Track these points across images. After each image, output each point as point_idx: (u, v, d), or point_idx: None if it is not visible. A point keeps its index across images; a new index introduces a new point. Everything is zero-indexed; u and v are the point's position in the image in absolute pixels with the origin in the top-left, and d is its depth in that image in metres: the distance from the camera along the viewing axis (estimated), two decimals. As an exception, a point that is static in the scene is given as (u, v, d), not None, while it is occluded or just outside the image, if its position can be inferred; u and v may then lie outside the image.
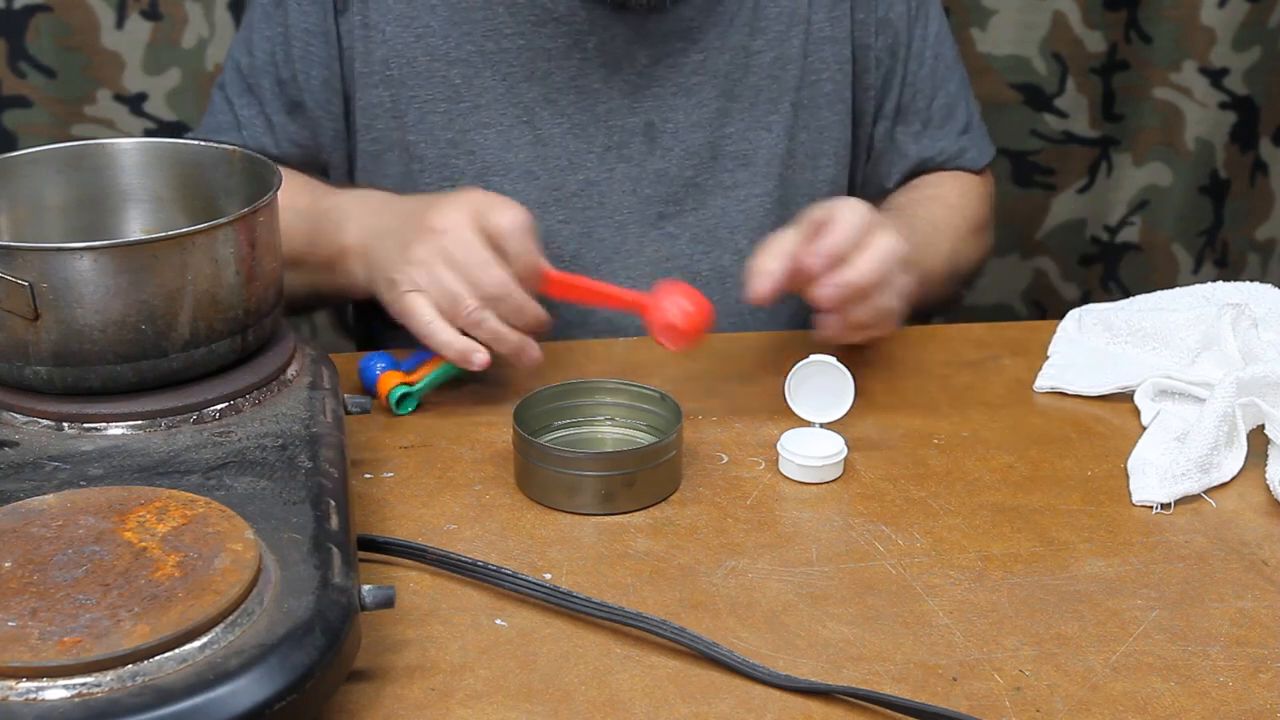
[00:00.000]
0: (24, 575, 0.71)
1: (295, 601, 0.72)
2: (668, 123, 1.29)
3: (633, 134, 1.29)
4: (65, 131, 1.68)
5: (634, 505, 0.97)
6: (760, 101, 1.30)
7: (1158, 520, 0.98)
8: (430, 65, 1.26)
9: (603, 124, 1.28)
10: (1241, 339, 1.11)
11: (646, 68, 1.27)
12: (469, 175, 1.28)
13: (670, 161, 1.29)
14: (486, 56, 1.26)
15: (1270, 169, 1.92)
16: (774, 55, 1.30)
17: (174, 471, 0.85)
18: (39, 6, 1.63)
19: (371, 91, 1.27)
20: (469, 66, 1.26)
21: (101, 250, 0.88)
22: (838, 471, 1.02)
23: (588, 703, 0.78)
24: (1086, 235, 1.92)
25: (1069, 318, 1.26)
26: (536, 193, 1.28)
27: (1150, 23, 1.81)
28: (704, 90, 1.29)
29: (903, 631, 0.85)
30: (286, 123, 1.30)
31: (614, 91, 1.27)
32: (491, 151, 1.28)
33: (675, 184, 1.30)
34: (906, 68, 1.36)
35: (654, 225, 1.30)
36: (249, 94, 1.31)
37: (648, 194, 1.30)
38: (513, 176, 1.28)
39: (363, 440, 1.06)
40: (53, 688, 0.65)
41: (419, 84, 1.26)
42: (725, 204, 1.32)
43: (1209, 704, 0.79)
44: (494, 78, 1.26)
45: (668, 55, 1.27)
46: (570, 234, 1.29)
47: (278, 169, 1.00)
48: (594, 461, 0.96)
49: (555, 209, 1.29)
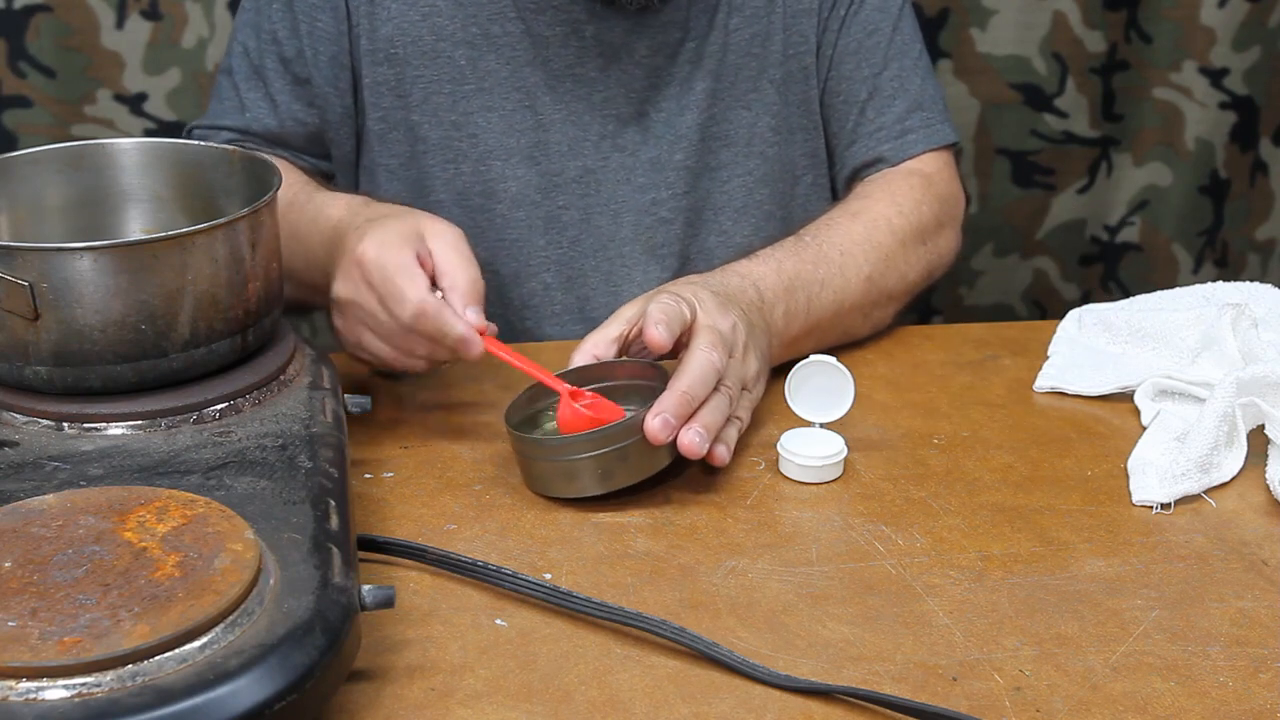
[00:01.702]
0: (24, 575, 0.71)
1: (295, 601, 0.72)
2: (661, 111, 1.29)
3: (627, 123, 1.29)
4: (65, 131, 1.68)
5: (634, 478, 0.97)
6: (740, 80, 1.30)
7: (1158, 520, 0.98)
8: (436, 45, 1.26)
9: (598, 113, 1.28)
10: (1241, 339, 1.11)
11: (644, 58, 1.27)
12: (471, 158, 1.28)
13: (662, 149, 1.30)
14: (491, 40, 1.26)
15: (1270, 169, 1.92)
16: (752, 32, 1.29)
17: (174, 471, 0.85)
18: (39, 6, 1.63)
19: (376, 69, 1.27)
20: (473, 48, 1.26)
21: (101, 250, 0.88)
22: (838, 471, 1.02)
23: (588, 703, 0.78)
24: (1086, 235, 1.92)
25: (1069, 318, 1.26)
26: (537, 178, 1.28)
27: (1150, 23, 1.81)
28: (695, 77, 1.29)
29: (903, 631, 0.85)
30: (291, 102, 1.30)
31: (611, 81, 1.27)
32: (494, 135, 1.28)
33: (667, 169, 1.30)
34: (840, 36, 1.32)
35: (647, 212, 1.31)
36: (255, 77, 1.30)
37: (641, 182, 1.30)
38: (514, 161, 1.28)
39: (363, 440, 1.06)
40: (53, 688, 0.65)
41: (424, 63, 1.26)
42: (710, 186, 1.32)
43: (1209, 704, 0.79)
44: (498, 61, 1.26)
45: (665, 46, 1.27)
46: (570, 220, 1.30)
47: (278, 169, 1.00)
48: (584, 443, 0.96)
49: (555, 195, 1.29)
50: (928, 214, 1.29)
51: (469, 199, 1.29)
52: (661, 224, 1.31)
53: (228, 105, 1.32)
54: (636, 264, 1.31)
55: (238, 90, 1.31)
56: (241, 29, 1.32)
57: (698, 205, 1.32)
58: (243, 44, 1.31)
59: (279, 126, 1.30)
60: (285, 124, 1.30)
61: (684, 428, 0.96)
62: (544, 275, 1.31)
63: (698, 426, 0.96)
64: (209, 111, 1.34)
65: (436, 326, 1.00)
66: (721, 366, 0.99)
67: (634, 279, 1.31)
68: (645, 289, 1.29)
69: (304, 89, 1.29)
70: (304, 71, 1.29)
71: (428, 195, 1.30)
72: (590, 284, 1.32)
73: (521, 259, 1.31)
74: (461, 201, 1.29)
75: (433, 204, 1.29)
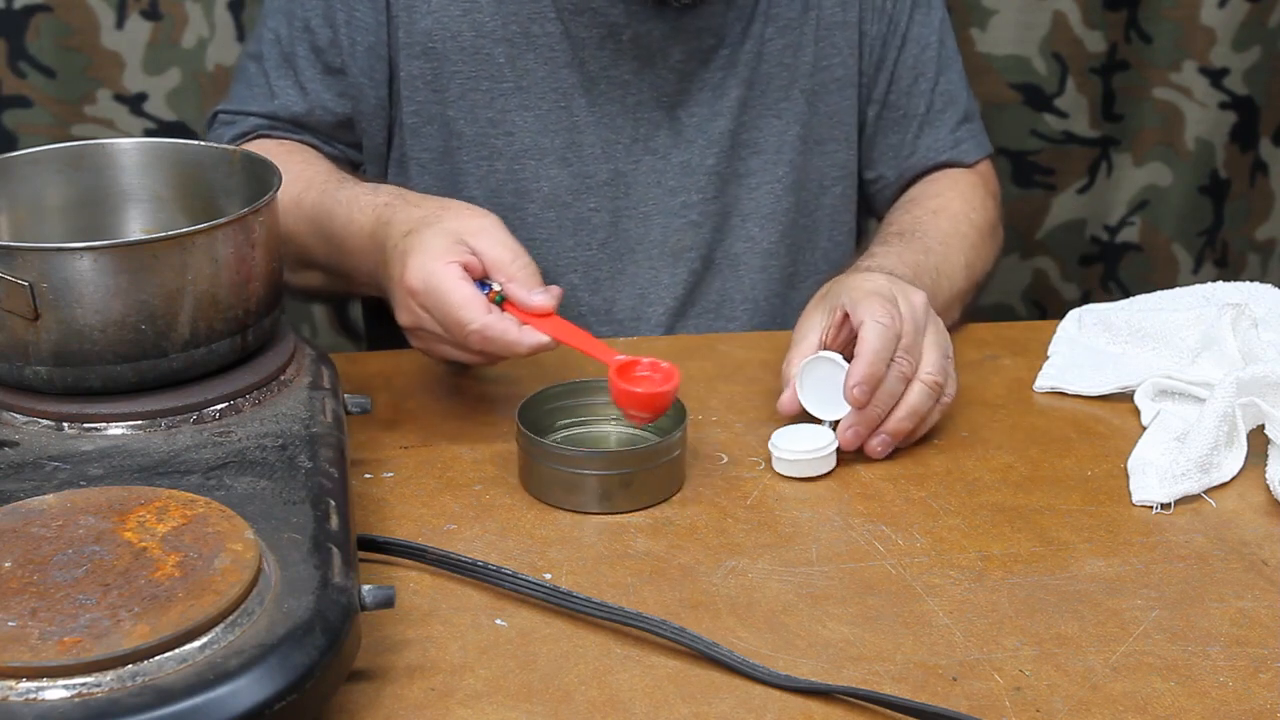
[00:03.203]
0: (24, 575, 0.71)
1: (295, 601, 0.72)
2: (692, 116, 1.30)
3: (659, 127, 1.29)
4: (65, 131, 1.68)
5: (633, 505, 0.97)
6: (772, 89, 1.31)
7: (1158, 520, 0.98)
8: (476, 41, 1.26)
9: (631, 116, 1.29)
10: (1241, 339, 1.11)
11: (678, 63, 1.28)
12: (506, 156, 1.28)
13: (693, 153, 1.30)
14: (531, 39, 1.26)
15: (1270, 169, 1.91)
16: (784, 42, 1.30)
17: (174, 471, 0.85)
18: (39, 6, 1.63)
19: (413, 62, 1.27)
20: (513, 46, 1.26)
21: (101, 250, 0.88)
22: (829, 465, 1.02)
23: (588, 703, 0.78)
24: (1086, 235, 1.92)
25: (1069, 318, 1.26)
26: (569, 179, 1.29)
27: (1150, 23, 1.81)
28: (728, 84, 1.30)
29: (903, 631, 0.85)
30: (321, 91, 1.29)
31: (644, 85, 1.28)
32: (529, 135, 1.28)
33: (697, 174, 1.31)
34: (900, 54, 1.35)
35: (677, 215, 1.31)
36: (285, 64, 1.29)
37: (671, 185, 1.31)
38: (547, 161, 1.28)
39: (363, 440, 1.05)
40: (53, 688, 0.65)
41: (463, 59, 1.26)
42: (739, 191, 1.33)
43: (1209, 704, 0.79)
44: (536, 60, 1.26)
45: (699, 52, 1.28)
46: (600, 222, 1.30)
47: (278, 169, 0.99)
48: (593, 460, 0.96)
49: (586, 196, 1.30)
50: (992, 211, 1.36)
51: (501, 197, 1.29)
52: (690, 227, 1.32)
53: (256, 91, 1.30)
54: (664, 266, 1.32)
55: (267, 76, 1.30)
56: (272, 15, 1.30)
57: (725, 210, 1.33)
58: (274, 30, 1.29)
59: (307, 113, 1.29)
60: (314, 111, 1.29)
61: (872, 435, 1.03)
62: (570, 276, 1.31)
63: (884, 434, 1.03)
64: (233, 96, 1.33)
65: (504, 345, 1.01)
66: None
67: (660, 281, 1.32)
68: (671, 292, 1.32)
69: (336, 79, 1.28)
70: (337, 61, 1.28)
71: (460, 191, 1.29)
72: (616, 286, 1.32)
73: (549, 259, 1.30)
74: (493, 199, 1.29)
75: (464, 200, 1.28)
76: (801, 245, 1.36)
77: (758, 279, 1.34)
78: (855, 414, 1.02)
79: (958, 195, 1.34)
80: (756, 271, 1.34)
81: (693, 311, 1.34)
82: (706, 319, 1.34)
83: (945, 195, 1.34)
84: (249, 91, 1.31)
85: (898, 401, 1.03)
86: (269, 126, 1.30)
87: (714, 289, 1.34)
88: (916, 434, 1.05)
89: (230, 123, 1.31)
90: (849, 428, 1.02)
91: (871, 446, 1.03)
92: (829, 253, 1.37)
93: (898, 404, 1.03)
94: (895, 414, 1.03)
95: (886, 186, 1.40)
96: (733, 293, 1.34)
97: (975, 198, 1.35)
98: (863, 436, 1.03)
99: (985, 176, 1.40)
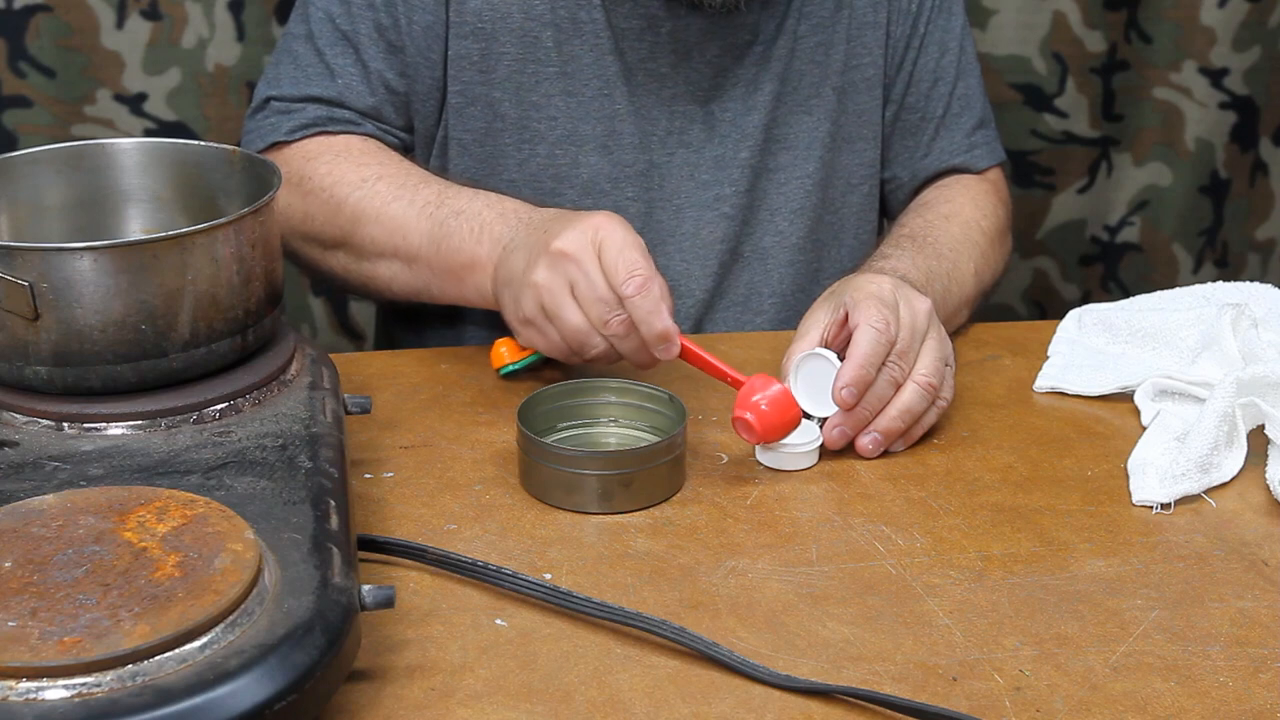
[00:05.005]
0: (24, 575, 0.71)
1: (295, 601, 0.72)
2: (726, 111, 1.31)
3: (693, 120, 1.30)
4: (65, 131, 1.68)
5: (632, 505, 0.97)
6: (804, 85, 1.32)
7: (1158, 520, 0.98)
8: (524, 24, 1.25)
9: (667, 108, 1.29)
10: (1241, 339, 1.11)
11: (714, 58, 1.28)
12: (548, 140, 1.28)
13: (726, 147, 1.31)
14: (577, 25, 1.26)
15: (1270, 169, 1.92)
16: (817, 40, 1.31)
17: (174, 471, 0.85)
18: (39, 6, 1.63)
19: (461, 42, 1.26)
20: (560, 31, 1.26)
21: (101, 250, 0.88)
22: (811, 460, 1.03)
23: (588, 703, 0.78)
24: (1086, 235, 1.92)
25: (1069, 318, 1.26)
26: (607, 168, 1.29)
27: (1150, 23, 1.81)
28: (762, 79, 1.30)
29: (903, 631, 0.85)
30: (384, 69, 1.27)
31: (680, 78, 1.28)
32: (571, 121, 1.28)
33: (731, 167, 1.32)
34: (920, 57, 1.36)
35: (709, 208, 1.32)
36: (343, 42, 1.27)
37: (704, 179, 1.31)
38: (587, 149, 1.28)
39: (363, 440, 1.05)
40: (53, 688, 0.65)
41: (510, 41, 1.26)
42: (769, 186, 1.34)
43: (1209, 704, 0.79)
44: (582, 47, 1.26)
45: (734, 48, 1.29)
46: (634, 213, 1.30)
47: (278, 169, 0.99)
48: (593, 460, 0.97)
49: (624, 185, 1.30)
50: (1003, 218, 1.37)
51: (540, 182, 1.29)
52: (722, 219, 1.32)
53: (311, 72, 1.27)
54: (695, 259, 1.32)
55: (322, 55, 1.27)
56: None
57: (755, 204, 1.34)
58: (324, 10, 1.27)
59: (371, 95, 1.27)
60: (377, 93, 1.27)
61: (861, 433, 1.04)
62: None
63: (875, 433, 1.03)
64: (282, 79, 1.29)
65: (652, 307, 1.01)
66: None
67: (691, 274, 1.32)
68: (701, 284, 1.33)
69: (396, 57, 1.27)
70: (398, 39, 1.26)
71: (499, 174, 1.29)
72: None
73: None
74: (533, 183, 1.29)
75: (504, 183, 1.28)
76: (827, 242, 1.37)
77: (785, 273, 1.35)
78: (843, 414, 1.03)
79: (970, 201, 1.35)
80: (784, 266, 1.35)
81: (721, 304, 1.34)
82: (734, 311, 1.35)
83: (957, 201, 1.35)
84: (302, 74, 1.28)
85: (888, 403, 1.03)
86: (327, 119, 1.27)
87: (742, 282, 1.35)
88: (911, 436, 1.06)
89: (286, 111, 1.28)
90: (835, 427, 1.03)
91: (862, 444, 1.04)
92: (854, 250, 1.38)
93: (889, 404, 1.03)
94: (887, 412, 1.03)
95: (900, 187, 1.41)
96: (760, 286, 1.35)
97: (987, 204, 1.36)
98: (849, 436, 1.04)
99: (997, 184, 1.41)
